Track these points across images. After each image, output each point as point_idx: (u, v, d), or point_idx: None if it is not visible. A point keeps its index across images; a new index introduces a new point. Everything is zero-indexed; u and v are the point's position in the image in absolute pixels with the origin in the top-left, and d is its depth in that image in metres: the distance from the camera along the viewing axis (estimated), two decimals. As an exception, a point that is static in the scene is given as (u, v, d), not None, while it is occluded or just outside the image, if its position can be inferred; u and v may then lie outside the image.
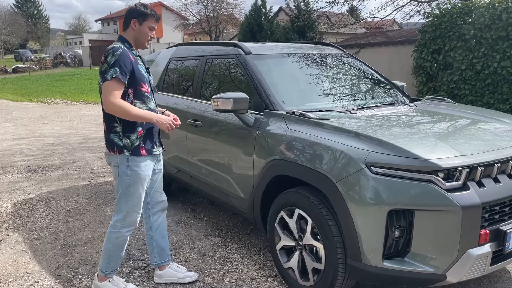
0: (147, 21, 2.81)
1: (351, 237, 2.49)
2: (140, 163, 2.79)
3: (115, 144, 2.77)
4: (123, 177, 2.79)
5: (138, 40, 2.84)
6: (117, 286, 2.99)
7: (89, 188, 5.47)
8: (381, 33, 11.92)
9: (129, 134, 2.76)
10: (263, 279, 3.20)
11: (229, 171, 3.53)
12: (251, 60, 3.61)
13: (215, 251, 3.68)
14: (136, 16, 2.79)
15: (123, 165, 2.77)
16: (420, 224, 2.35)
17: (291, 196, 2.90)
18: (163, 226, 3.19)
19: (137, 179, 2.80)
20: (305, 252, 2.85)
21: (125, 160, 2.77)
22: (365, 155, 2.44)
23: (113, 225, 2.90)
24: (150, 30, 2.84)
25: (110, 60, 2.65)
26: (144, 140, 2.81)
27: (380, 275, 2.44)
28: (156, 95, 4.69)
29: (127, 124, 2.75)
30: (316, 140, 2.70)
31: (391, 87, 4.01)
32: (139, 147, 2.79)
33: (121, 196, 2.83)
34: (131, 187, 2.80)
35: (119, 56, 2.65)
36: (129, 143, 2.76)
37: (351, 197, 2.45)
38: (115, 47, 2.70)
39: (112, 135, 2.77)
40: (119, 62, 2.64)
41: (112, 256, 2.94)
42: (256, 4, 15.51)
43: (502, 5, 6.81)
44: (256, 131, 3.20)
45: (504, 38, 6.78)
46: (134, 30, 2.81)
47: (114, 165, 2.82)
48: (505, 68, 6.80)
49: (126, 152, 2.76)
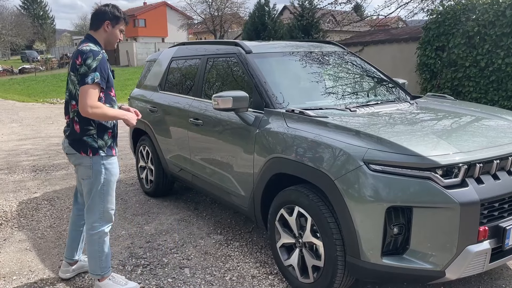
0: (119, 24, 2.90)
1: (350, 234, 2.50)
2: (112, 162, 2.91)
3: (88, 146, 2.82)
4: (98, 176, 2.85)
5: (108, 41, 2.90)
6: (118, 283, 3.03)
7: (93, 187, 5.50)
8: (384, 30, 11.87)
9: (102, 135, 2.85)
10: (264, 277, 3.21)
11: (230, 169, 3.55)
12: (251, 58, 3.62)
13: (217, 249, 3.70)
14: (110, 18, 2.85)
15: (98, 165, 2.84)
16: (418, 221, 2.35)
17: (290, 194, 2.91)
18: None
19: (110, 176, 2.90)
20: (305, 250, 2.86)
21: (100, 159, 2.84)
22: (364, 152, 2.44)
23: (91, 228, 2.93)
24: (120, 32, 2.94)
25: (91, 63, 2.66)
26: (112, 140, 2.93)
27: (379, 272, 2.45)
28: (158, 94, 4.75)
29: (101, 126, 2.83)
30: (314, 138, 2.71)
31: (392, 84, 4.00)
32: (111, 148, 2.91)
33: (96, 196, 2.88)
34: (105, 185, 2.88)
35: (100, 61, 2.69)
36: (103, 144, 2.85)
37: (349, 194, 2.46)
38: (95, 50, 2.72)
39: (86, 137, 2.82)
40: (99, 67, 2.68)
41: (101, 256, 2.97)
42: (260, 3, 15.50)
43: (506, 1, 6.77)
44: (256, 130, 3.21)
45: (509, 35, 6.73)
46: (106, 32, 2.86)
47: (86, 166, 2.85)
48: (510, 65, 6.76)
49: (101, 152, 2.83)
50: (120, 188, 5.47)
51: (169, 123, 4.45)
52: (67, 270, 3.24)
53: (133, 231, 4.08)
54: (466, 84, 7.50)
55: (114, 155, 2.93)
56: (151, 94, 4.93)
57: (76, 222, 3.21)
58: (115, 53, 37.24)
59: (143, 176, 5.13)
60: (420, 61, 8.35)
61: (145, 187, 5.11)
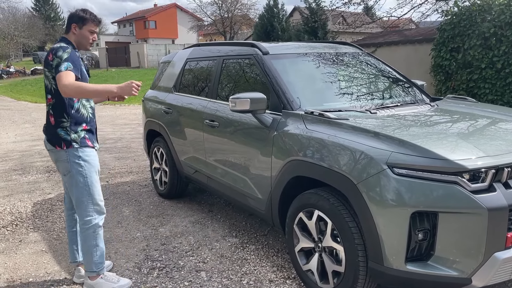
0: (87, 25, 2.97)
1: (372, 240, 2.44)
2: (89, 153, 2.96)
3: (62, 139, 2.89)
4: (77, 169, 2.90)
5: (79, 42, 2.99)
6: (111, 281, 3.05)
7: (107, 189, 5.50)
8: (397, 31, 11.76)
9: (75, 128, 2.91)
10: (281, 281, 3.17)
11: (246, 171, 3.51)
12: (268, 60, 3.58)
13: (233, 252, 3.66)
14: (75, 21, 2.95)
15: (74, 158, 2.90)
16: (444, 226, 2.29)
17: (310, 197, 2.86)
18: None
19: (90, 168, 2.94)
20: (325, 254, 2.81)
21: (75, 152, 2.90)
22: (387, 155, 2.39)
23: (84, 222, 2.97)
24: (90, 33, 3.00)
25: (62, 55, 2.77)
26: (88, 134, 2.97)
27: (403, 279, 2.39)
28: (173, 96, 4.72)
29: (74, 119, 2.90)
30: (336, 140, 2.65)
31: (410, 86, 3.94)
32: (85, 139, 2.95)
33: (81, 190, 2.93)
34: (87, 177, 2.93)
35: (70, 53, 2.80)
36: (76, 137, 2.90)
37: (372, 198, 2.40)
38: (63, 45, 2.84)
39: (59, 130, 2.89)
40: (71, 58, 2.79)
41: (97, 251, 3.02)
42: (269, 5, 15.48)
43: (524, 2, 6.67)
44: (274, 132, 3.17)
45: (526, 36, 6.63)
46: (74, 34, 2.96)
47: (63, 160, 2.92)
48: (527, 67, 6.64)
49: (75, 144, 2.89)
50: (133, 189, 5.46)
51: (184, 125, 4.42)
52: (80, 275, 3.20)
53: (148, 233, 4.05)
54: (482, 86, 7.39)
55: (90, 146, 2.97)
56: (165, 95, 4.91)
57: (69, 223, 3.23)
58: (126, 54, 37.45)
59: (157, 177, 5.11)
60: (434, 63, 8.25)
61: (159, 188, 5.09)
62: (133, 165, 6.74)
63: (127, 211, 4.67)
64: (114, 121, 11.99)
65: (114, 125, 11.14)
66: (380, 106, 3.30)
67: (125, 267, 3.42)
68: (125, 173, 6.29)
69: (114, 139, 9.08)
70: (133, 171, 6.40)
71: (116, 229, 4.18)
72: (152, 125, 5.10)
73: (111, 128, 10.63)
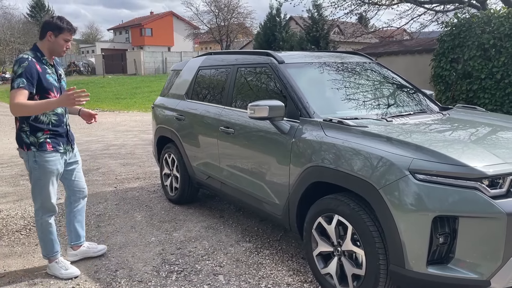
0: (62, 34, 3.13)
1: (394, 243, 2.52)
2: (46, 158, 3.16)
3: (23, 142, 3.15)
4: (33, 171, 3.19)
5: (53, 50, 3.16)
6: (61, 267, 3.38)
7: (116, 194, 5.55)
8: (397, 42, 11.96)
9: (35, 133, 3.13)
10: (299, 285, 3.23)
11: (263, 177, 3.58)
12: (284, 68, 3.68)
13: (248, 256, 3.72)
14: (52, 29, 3.11)
15: (31, 160, 3.16)
16: (464, 230, 2.38)
17: (330, 202, 2.94)
18: (82, 212, 3.63)
19: (45, 172, 3.17)
20: (344, 258, 2.89)
21: (32, 155, 3.14)
22: (409, 162, 2.48)
23: (35, 214, 3.34)
24: (65, 41, 3.16)
25: (17, 70, 2.98)
26: (50, 138, 3.17)
27: (424, 281, 2.47)
28: (185, 103, 4.81)
29: (33, 125, 3.13)
30: (358, 147, 2.74)
31: (420, 95, 4.05)
32: (45, 143, 3.15)
33: (35, 188, 3.24)
34: (41, 179, 3.19)
35: (25, 67, 2.97)
36: (35, 140, 3.13)
37: (394, 203, 2.49)
38: (22, 57, 3.02)
39: (21, 133, 3.15)
40: (25, 73, 2.96)
41: (45, 240, 3.35)
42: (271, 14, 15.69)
43: (523, 14, 6.84)
44: (292, 138, 3.25)
45: (525, 48, 6.79)
46: (49, 42, 3.13)
47: (25, 160, 3.22)
48: (526, 77, 6.80)
49: (33, 148, 3.13)
50: (143, 195, 5.51)
51: (197, 131, 4.50)
52: (71, 253, 3.60)
53: (163, 238, 4.11)
54: (481, 96, 7.54)
55: (50, 150, 3.16)
56: (177, 102, 4.99)
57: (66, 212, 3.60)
58: (122, 61, 37.51)
59: (167, 183, 5.17)
60: (434, 73, 8.40)
61: (169, 194, 5.15)
62: (139, 171, 6.79)
63: (139, 216, 4.73)
64: (115, 127, 12.04)
65: (116, 132, 11.18)
66: (394, 115, 3.41)
67: (144, 271, 3.47)
68: (132, 179, 6.34)
69: (118, 146, 9.12)
70: (140, 177, 6.45)
71: (131, 233, 4.24)
72: (163, 131, 5.17)
73: (113, 135, 10.68)
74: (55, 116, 3.23)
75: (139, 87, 25.46)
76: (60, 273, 3.37)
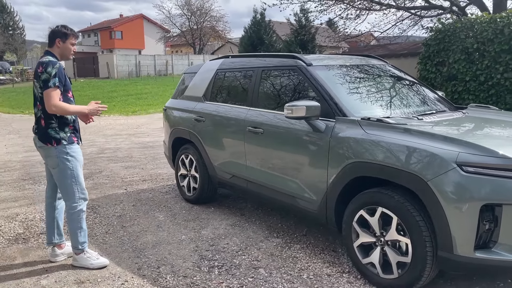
0: (69, 39, 3.53)
1: (443, 231, 2.74)
2: (76, 150, 3.51)
3: (52, 138, 3.41)
4: (65, 163, 3.45)
5: (63, 54, 3.53)
6: (90, 257, 3.57)
7: (129, 196, 5.59)
8: (381, 46, 12.39)
9: (63, 127, 3.45)
10: (338, 275, 3.41)
11: (297, 174, 3.75)
12: (313, 70, 3.86)
13: (280, 251, 3.87)
14: (59, 36, 3.50)
15: (63, 153, 3.44)
16: (507, 217, 2.62)
17: (373, 195, 3.14)
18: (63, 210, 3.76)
19: (76, 162, 3.50)
20: (388, 248, 3.08)
21: (64, 148, 3.44)
22: (455, 155, 2.70)
23: (71, 207, 3.52)
24: (72, 45, 3.56)
25: (51, 71, 3.31)
26: (74, 132, 3.54)
27: (472, 265, 2.70)
28: (204, 105, 4.92)
29: (61, 121, 3.44)
30: (404, 143, 2.95)
31: (437, 95, 4.32)
32: (72, 137, 3.50)
33: (69, 180, 3.47)
34: (74, 170, 3.48)
35: (58, 69, 3.35)
36: (65, 135, 3.45)
37: (444, 194, 2.71)
38: (52, 60, 3.37)
39: (49, 130, 3.41)
40: (58, 74, 3.34)
41: (81, 231, 3.57)
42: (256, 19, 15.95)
43: (504, 20, 7.26)
44: (329, 136, 3.44)
45: (507, 51, 7.20)
46: (59, 48, 3.50)
47: (52, 156, 3.44)
48: (508, 79, 7.22)
49: (64, 142, 3.43)
50: (157, 196, 5.57)
51: (220, 132, 4.63)
52: (55, 254, 3.71)
53: (193, 236, 4.21)
54: (466, 98, 7.94)
55: (75, 143, 3.51)
56: (194, 104, 5.09)
57: (49, 210, 3.73)
58: (94, 64, 36.89)
59: (184, 184, 5.26)
60: (420, 75, 8.77)
61: (187, 194, 5.24)
62: (144, 174, 6.82)
63: (161, 216, 4.80)
64: (102, 131, 11.92)
65: (105, 136, 11.09)
66: (422, 113, 3.65)
67: (185, 266, 3.57)
68: (139, 181, 6.37)
69: (112, 149, 9.09)
70: (146, 179, 6.49)
71: (159, 232, 4.32)
72: (179, 133, 5.26)
73: (103, 139, 10.59)
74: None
75: (114, 90, 25.13)
76: (91, 264, 3.55)
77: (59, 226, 3.75)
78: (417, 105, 3.95)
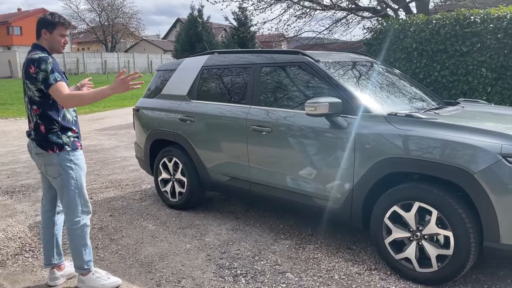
0: (57, 29, 3.02)
1: (490, 222, 2.82)
2: (79, 156, 3.09)
3: (54, 143, 2.98)
4: (69, 171, 3.02)
5: (52, 47, 3.05)
6: (100, 277, 3.17)
7: (100, 205, 5.09)
8: (321, 45, 12.72)
9: (66, 132, 3.03)
10: (368, 273, 3.38)
11: (315, 173, 3.65)
12: (323, 66, 3.79)
13: (296, 253, 3.75)
14: (45, 26, 3.01)
15: (66, 161, 3.01)
16: (549, 204, 2.77)
17: (408, 190, 3.15)
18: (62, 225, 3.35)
19: (80, 171, 3.09)
20: (426, 241, 3.11)
21: (67, 155, 3.01)
22: (499, 147, 2.80)
23: (74, 222, 3.07)
24: (61, 37, 3.06)
25: (46, 67, 2.87)
26: (77, 137, 3.12)
27: (517, 252, 2.81)
28: (191, 103, 4.63)
29: (63, 124, 3.02)
30: (443, 137, 2.98)
31: (429, 91, 4.49)
32: (76, 142, 3.09)
33: (73, 191, 3.04)
34: (78, 180, 3.07)
35: (52, 63, 2.91)
36: (68, 140, 3.03)
37: (491, 186, 2.78)
38: (43, 56, 2.91)
39: (50, 135, 2.98)
40: (55, 68, 2.90)
41: (86, 248, 3.13)
42: (193, 15, 15.51)
43: (440, 21, 7.82)
44: (353, 133, 3.39)
45: (443, 51, 7.75)
46: (46, 39, 3.02)
47: (54, 163, 3.00)
48: (445, 77, 7.78)
49: (67, 147, 3.01)
50: (132, 204, 5.15)
51: (214, 132, 4.37)
52: (54, 277, 3.23)
53: (197, 244, 3.93)
54: (408, 94, 8.44)
55: (79, 148, 3.10)
56: (178, 103, 4.76)
57: (47, 225, 3.25)
58: (-7, 63, 33.49)
59: (167, 189, 4.90)
60: (363, 74, 9.16)
61: (171, 200, 4.88)
62: (103, 181, 6.28)
63: (150, 225, 4.42)
64: (28, 135, 10.78)
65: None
66: (431, 108, 3.75)
67: (208, 278, 3.31)
68: (102, 188, 5.84)
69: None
70: (108, 186, 5.97)
71: (158, 243, 3.97)
72: (160, 134, 4.89)
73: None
74: (74, 113, 3.16)
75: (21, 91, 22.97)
76: (102, 285, 3.15)
77: (59, 245, 3.28)
78: (422, 100, 4.06)
